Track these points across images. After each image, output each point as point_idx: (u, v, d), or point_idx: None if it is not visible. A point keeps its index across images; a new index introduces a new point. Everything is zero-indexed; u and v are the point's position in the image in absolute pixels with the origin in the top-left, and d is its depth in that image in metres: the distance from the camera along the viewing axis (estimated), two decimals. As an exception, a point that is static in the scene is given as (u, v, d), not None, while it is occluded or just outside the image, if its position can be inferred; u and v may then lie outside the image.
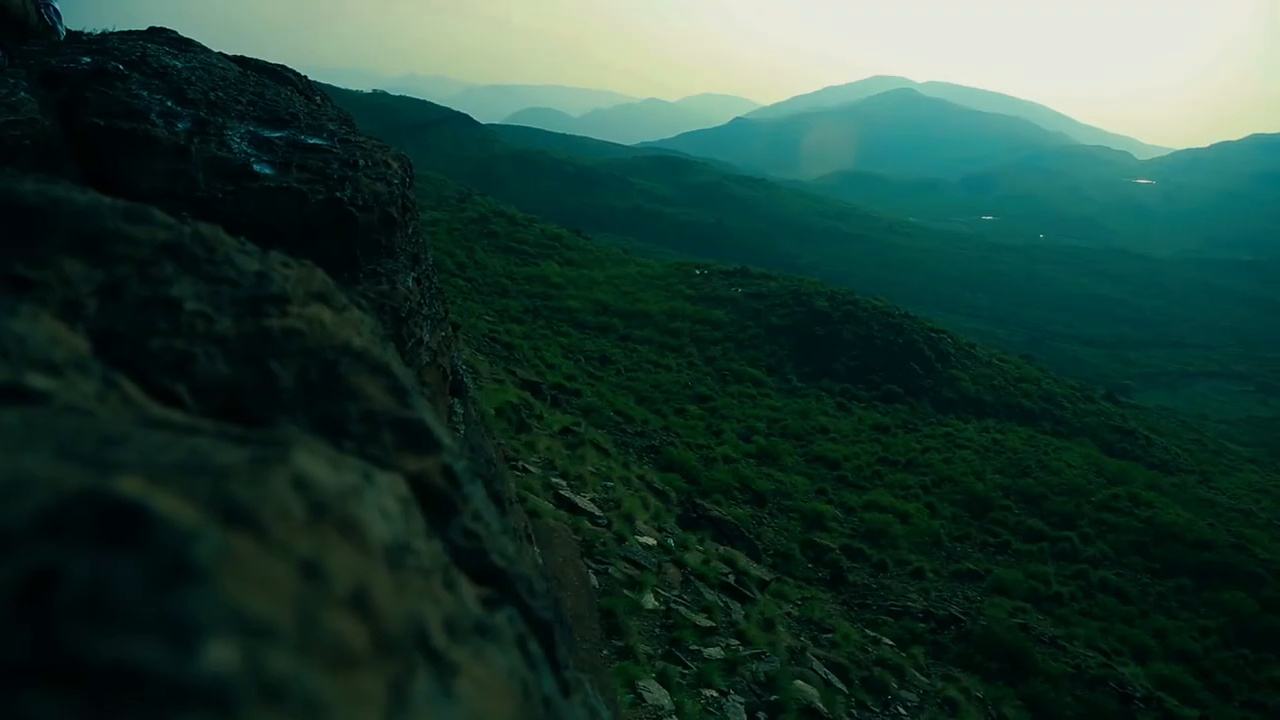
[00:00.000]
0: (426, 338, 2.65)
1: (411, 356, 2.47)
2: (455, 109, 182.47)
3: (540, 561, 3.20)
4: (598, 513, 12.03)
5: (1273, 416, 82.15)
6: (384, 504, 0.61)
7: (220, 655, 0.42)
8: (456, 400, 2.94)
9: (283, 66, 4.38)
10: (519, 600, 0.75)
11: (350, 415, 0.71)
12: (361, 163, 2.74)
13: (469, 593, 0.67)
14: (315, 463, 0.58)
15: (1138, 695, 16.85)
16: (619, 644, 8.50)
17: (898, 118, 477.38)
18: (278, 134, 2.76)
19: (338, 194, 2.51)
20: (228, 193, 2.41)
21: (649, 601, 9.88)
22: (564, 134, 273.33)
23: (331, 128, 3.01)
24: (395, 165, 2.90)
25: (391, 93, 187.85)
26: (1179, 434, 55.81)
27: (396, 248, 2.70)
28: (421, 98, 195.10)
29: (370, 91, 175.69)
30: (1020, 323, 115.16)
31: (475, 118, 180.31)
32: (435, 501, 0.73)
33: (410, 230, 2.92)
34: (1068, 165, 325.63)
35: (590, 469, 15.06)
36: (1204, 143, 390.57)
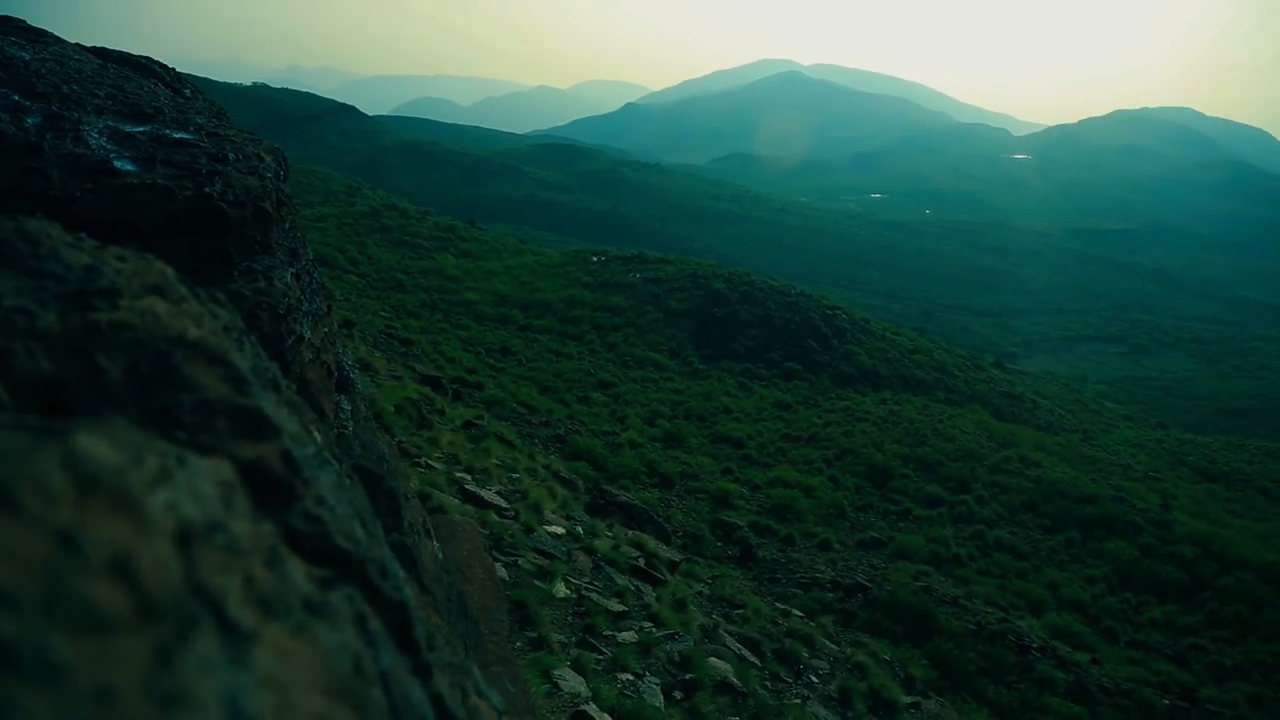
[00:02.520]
0: (308, 334, 2.57)
1: (293, 354, 2.39)
2: (341, 101, 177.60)
3: (441, 556, 3.16)
4: (504, 505, 11.93)
5: (1144, 375, 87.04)
6: (196, 486, 0.63)
7: None
8: (344, 397, 2.87)
9: (148, 58, 4.18)
10: (367, 582, 0.76)
11: (183, 405, 0.69)
12: (232, 156, 2.63)
13: (299, 572, 0.68)
14: (98, 445, 0.59)
15: (1034, 646, 17.64)
16: (532, 635, 8.46)
17: (786, 100, 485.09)
18: (140, 129, 2.63)
19: (206, 189, 2.41)
20: (86, 191, 2.28)
21: (560, 590, 9.85)
22: (455, 124, 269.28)
23: (200, 121, 2.89)
24: (268, 158, 2.79)
25: (273, 85, 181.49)
26: (1062, 396, 58.54)
27: (273, 243, 2.60)
28: (306, 90, 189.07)
29: (251, 84, 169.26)
30: (911, 296, 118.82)
31: (362, 109, 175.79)
32: (273, 487, 0.73)
33: (287, 225, 2.82)
34: (950, 143, 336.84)
35: (495, 461, 14.91)
36: (1073, 119, 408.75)
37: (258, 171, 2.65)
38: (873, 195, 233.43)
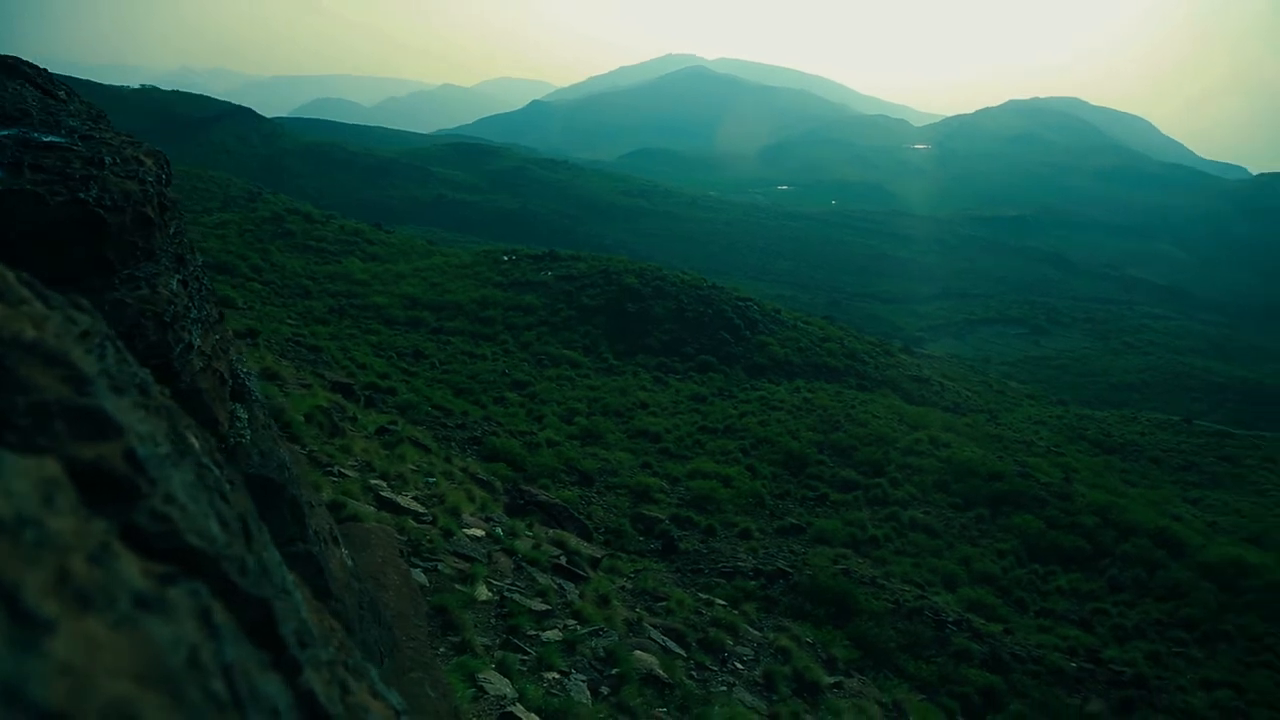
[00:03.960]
0: (198, 342, 2.48)
1: (181, 362, 2.30)
2: (237, 103, 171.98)
3: (351, 563, 3.09)
4: (422, 510, 11.75)
5: (1043, 355, 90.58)
6: (8, 485, 0.64)
7: None
8: (239, 405, 2.77)
9: (15, 58, 3.97)
10: (223, 579, 0.77)
11: (17, 407, 0.68)
12: (109, 160, 2.51)
13: (132, 567, 0.69)
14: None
15: (950, 620, 18.19)
16: (455, 639, 8.35)
17: (692, 95, 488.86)
18: (4, 133, 2.49)
19: (81, 195, 2.29)
20: (-54, 199, 2.15)
21: (482, 593, 9.75)
22: (358, 125, 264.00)
23: (73, 124, 2.75)
24: (149, 162, 2.67)
25: (163, 88, 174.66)
26: (968, 378, 60.39)
27: (156, 249, 2.49)
28: (199, 92, 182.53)
29: (139, 87, 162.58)
30: (820, 285, 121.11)
31: (260, 111, 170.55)
32: (115, 485, 0.74)
33: (172, 230, 2.71)
34: (852, 135, 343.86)
35: (411, 467, 14.68)
36: (970, 109, 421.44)
37: (137, 175, 2.54)
38: (780, 187, 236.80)
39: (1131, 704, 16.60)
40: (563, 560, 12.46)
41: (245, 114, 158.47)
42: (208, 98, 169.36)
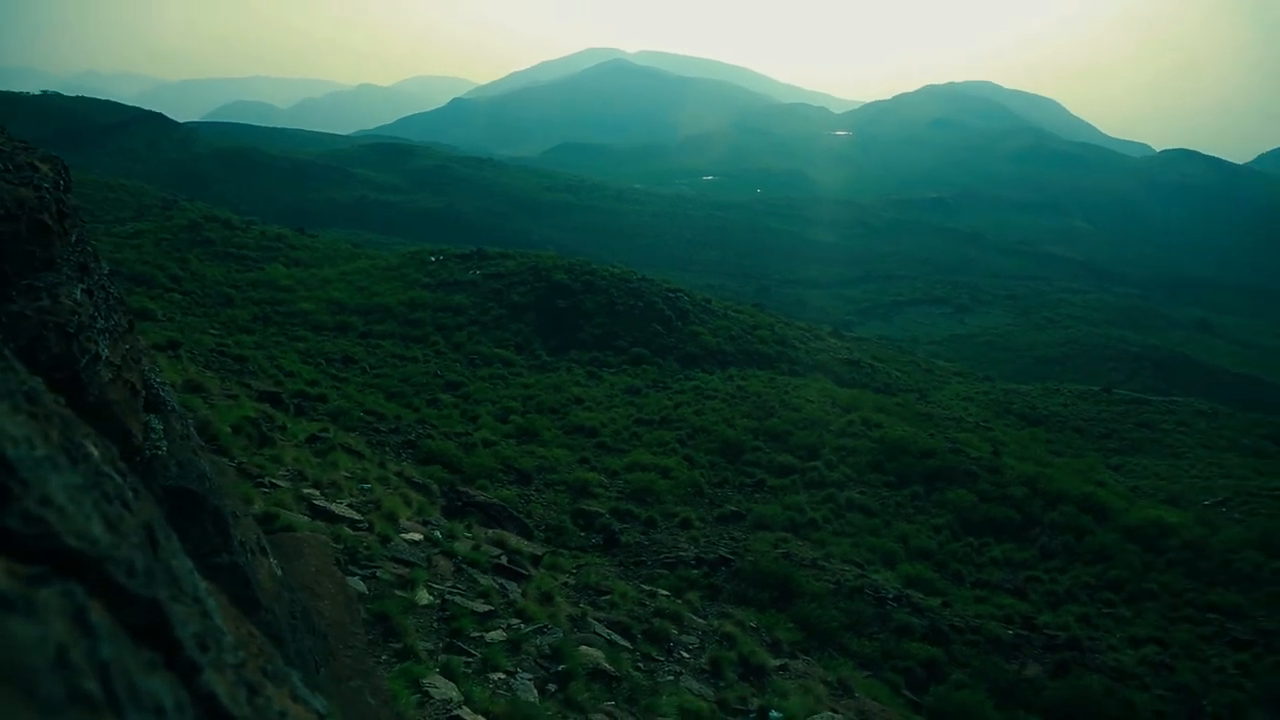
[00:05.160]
0: (106, 353, 2.37)
1: (88, 374, 2.20)
2: (147, 108, 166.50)
3: (280, 573, 3.00)
4: (357, 517, 11.55)
5: (969, 333, 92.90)
6: None
7: None
8: (154, 416, 2.66)
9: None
10: (107, 580, 0.76)
11: None
12: (0, 167, 2.39)
13: None
14: None
15: (890, 596, 18.53)
16: (397, 645, 8.25)
17: (614, 88, 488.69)
18: (-114, 141, 2.35)
19: (-29, 203, 2.18)
20: None
21: (423, 597, 9.64)
22: (274, 128, 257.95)
23: (-40, 130, 2.61)
24: (45, 168, 2.55)
25: (67, 93, 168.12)
26: (897, 358, 61.57)
27: (57, 258, 2.38)
28: (105, 98, 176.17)
29: (40, 93, 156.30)
30: (748, 273, 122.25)
31: (172, 116, 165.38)
32: None
33: (74, 238, 2.59)
34: (774, 124, 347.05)
35: (344, 474, 14.40)
36: (887, 95, 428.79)
37: (32, 182, 2.42)
38: (705, 178, 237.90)
39: (1066, 665, 17.13)
40: (503, 560, 12.37)
41: (156, 119, 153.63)
42: (115, 103, 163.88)
